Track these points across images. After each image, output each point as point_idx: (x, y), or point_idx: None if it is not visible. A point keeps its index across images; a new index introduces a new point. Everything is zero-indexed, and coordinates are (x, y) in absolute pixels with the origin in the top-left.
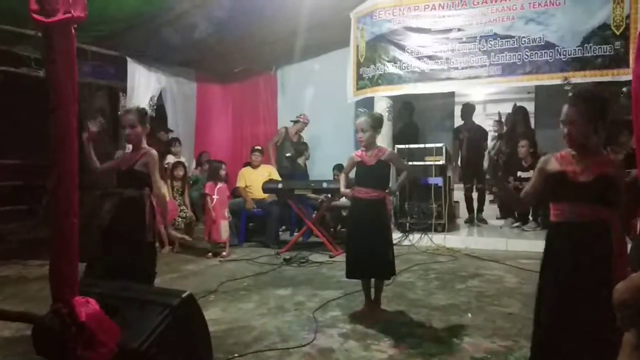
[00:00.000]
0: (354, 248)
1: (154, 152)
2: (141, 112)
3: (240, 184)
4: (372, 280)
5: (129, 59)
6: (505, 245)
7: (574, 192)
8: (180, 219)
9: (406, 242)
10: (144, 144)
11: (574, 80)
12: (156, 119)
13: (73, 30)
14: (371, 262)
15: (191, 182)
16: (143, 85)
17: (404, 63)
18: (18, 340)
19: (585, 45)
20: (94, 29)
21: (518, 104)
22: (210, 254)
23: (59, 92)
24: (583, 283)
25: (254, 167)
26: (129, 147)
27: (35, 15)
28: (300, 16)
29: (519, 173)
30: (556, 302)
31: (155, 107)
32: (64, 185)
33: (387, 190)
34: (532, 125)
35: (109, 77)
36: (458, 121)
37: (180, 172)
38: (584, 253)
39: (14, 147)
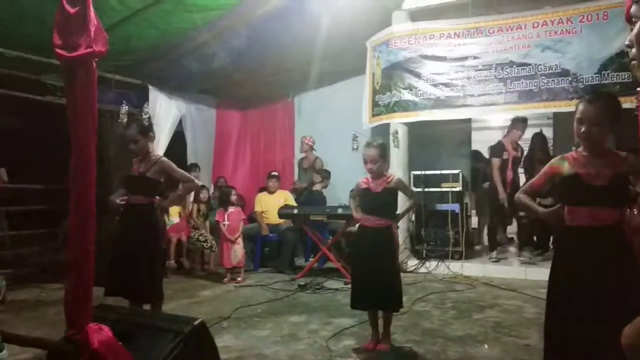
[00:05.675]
0: (359, 278)
1: (165, 158)
2: (140, 124)
3: (257, 208)
4: (381, 312)
5: (150, 87)
6: (524, 274)
7: (591, 195)
8: (199, 243)
9: (422, 270)
10: (154, 153)
11: None
12: (176, 145)
13: (94, 64)
14: (377, 293)
15: (213, 207)
16: (164, 112)
17: (419, 90)
18: None
19: (603, 72)
20: (117, 58)
21: (537, 130)
22: (225, 279)
23: (78, 122)
24: (607, 287)
25: (271, 192)
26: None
27: (58, 50)
28: (317, 45)
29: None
30: (575, 310)
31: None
32: (80, 213)
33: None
34: (551, 152)
35: (131, 104)
36: (474, 147)
37: (205, 196)
38: (602, 259)
39: (38, 172)
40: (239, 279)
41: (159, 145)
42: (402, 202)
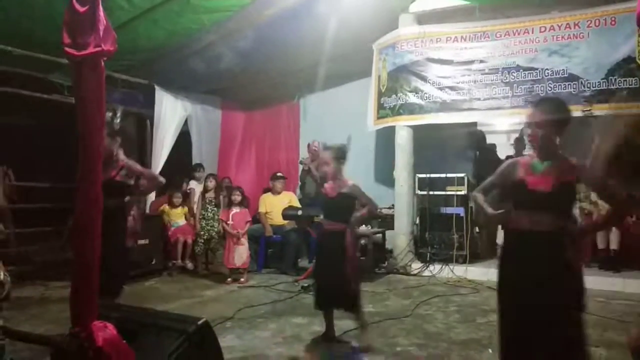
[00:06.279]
0: (317, 279)
1: (128, 160)
2: (109, 126)
3: (261, 209)
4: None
5: (157, 87)
6: None
7: (534, 201)
8: (201, 242)
9: (426, 273)
10: (120, 155)
11: (597, 113)
12: (181, 144)
13: (102, 63)
14: (331, 293)
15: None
16: (170, 113)
17: (425, 93)
18: None
19: (610, 77)
20: (124, 58)
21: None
22: (229, 279)
23: (86, 120)
24: (540, 292)
25: (275, 193)
26: None
27: (67, 49)
28: (323, 47)
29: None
30: (515, 313)
31: (119, 120)
32: (86, 211)
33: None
34: None
35: (138, 104)
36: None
37: (210, 184)
38: (541, 262)
39: (45, 170)
40: (242, 279)
41: (165, 145)
42: (407, 207)
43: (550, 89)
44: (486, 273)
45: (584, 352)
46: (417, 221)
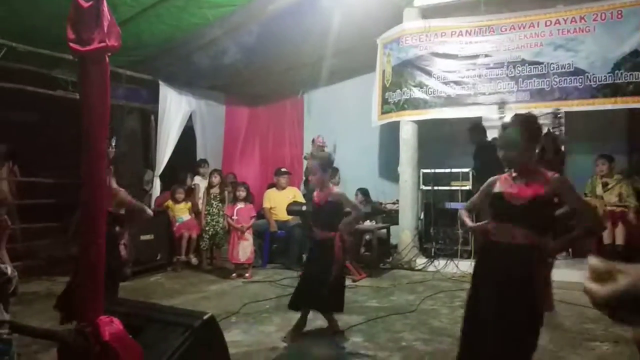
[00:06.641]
0: (302, 282)
1: (119, 189)
2: None
3: (265, 205)
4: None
5: (161, 83)
6: None
7: (510, 214)
8: (206, 238)
9: (431, 268)
10: (113, 184)
11: (600, 107)
12: (185, 140)
13: (107, 58)
14: (308, 294)
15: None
16: (174, 108)
17: (430, 88)
18: (45, 355)
19: (616, 71)
20: (128, 54)
21: (545, 130)
22: (234, 274)
23: (91, 116)
24: (501, 303)
25: (280, 188)
26: None
27: (71, 44)
28: (327, 42)
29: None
30: (474, 315)
31: (113, 147)
32: (91, 207)
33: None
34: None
35: (142, 100)
36: None
37: (215, 179)
38: (508, 274)
39: (50, 165)
40: (247, 275)
41: (169, 141)
42: (411, 203)
43: (555, 83)
44: None
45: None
46: (422, 216)
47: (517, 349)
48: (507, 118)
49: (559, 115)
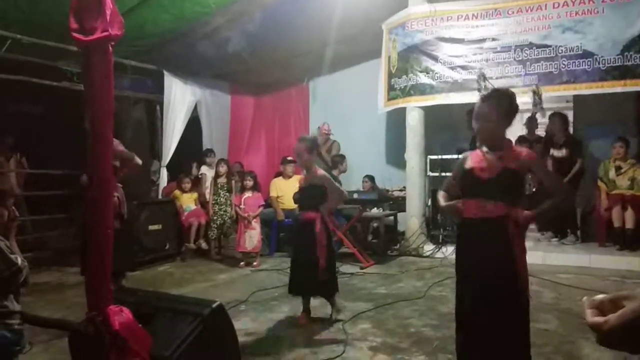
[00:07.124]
0: (292, 266)
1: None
2: None
3: (272, 194)
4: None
5: (166, 73)
6: (542, 259)
7: (479, 188)
8: (215, 227)
9: (439, 255)
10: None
11: (609, 90)
12: (191, 130)
13: (110, 48)
14: (303, 280)
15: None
16: (179, 98)
17: (436, 73)
18: (56, 345)
19: (626, 53)
20: (132, 44)
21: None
22: (242, 263)
23: (95, 105)
24: (486, 279)
25: (286, 177)
26: None
27: (74, 34)
28: (332, 28)
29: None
30: (465, 299)
31: None
32: (99, 197)
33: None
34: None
35: (147, 90)
36: None
37: (222, 169)
38: (487, 248)
39: (57, 157)
40: (255, 263)
41: (175, 131)
42: (418, 189)
43: (564, 66)
44: None
45: (524, 339)
46: (429, 203)
47: (509, 329)
48: (485, 91)
49: (539, 93)
